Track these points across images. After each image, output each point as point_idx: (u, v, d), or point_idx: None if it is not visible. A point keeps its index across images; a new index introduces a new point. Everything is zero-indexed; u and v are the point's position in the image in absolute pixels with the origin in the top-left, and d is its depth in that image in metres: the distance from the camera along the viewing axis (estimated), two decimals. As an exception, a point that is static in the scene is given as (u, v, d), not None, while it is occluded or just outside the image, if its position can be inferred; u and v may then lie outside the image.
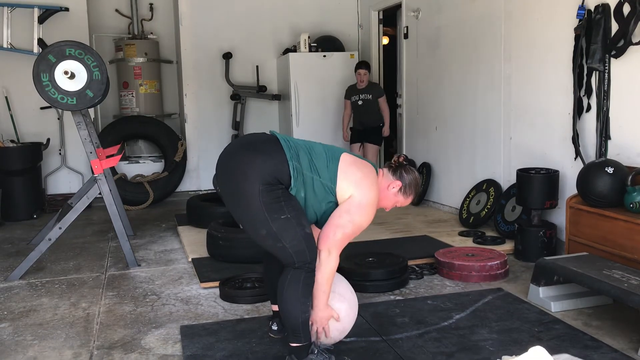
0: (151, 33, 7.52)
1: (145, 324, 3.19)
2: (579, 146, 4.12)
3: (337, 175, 2.49)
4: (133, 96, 7.27)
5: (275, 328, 2.88)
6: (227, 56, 7.44)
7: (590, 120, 4.06)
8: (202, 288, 3.76)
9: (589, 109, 4.05)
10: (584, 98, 4.07)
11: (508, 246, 4.45)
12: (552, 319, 3.09)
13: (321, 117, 7.20)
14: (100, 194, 4.26)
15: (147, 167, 7.17)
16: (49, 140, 6.58)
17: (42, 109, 6.58)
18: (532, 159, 4.61)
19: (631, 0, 3.62)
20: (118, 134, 6.86)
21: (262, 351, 2.78)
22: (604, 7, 3.83)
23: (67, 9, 6.65)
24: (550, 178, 4.19)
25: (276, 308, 2.84)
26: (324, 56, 7.14)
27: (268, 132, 2.62)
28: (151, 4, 7.59)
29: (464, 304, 3.34)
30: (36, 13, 6.52)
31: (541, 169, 4.31)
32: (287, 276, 2.45)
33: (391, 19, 7.60)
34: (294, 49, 7.30)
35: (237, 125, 7.55)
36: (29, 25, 6.53)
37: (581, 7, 3.98)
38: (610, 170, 3.60)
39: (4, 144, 6.23)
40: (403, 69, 6.70)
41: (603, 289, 2.91)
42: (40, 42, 6.40)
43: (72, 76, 4.04)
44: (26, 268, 4.08)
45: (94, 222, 5.90)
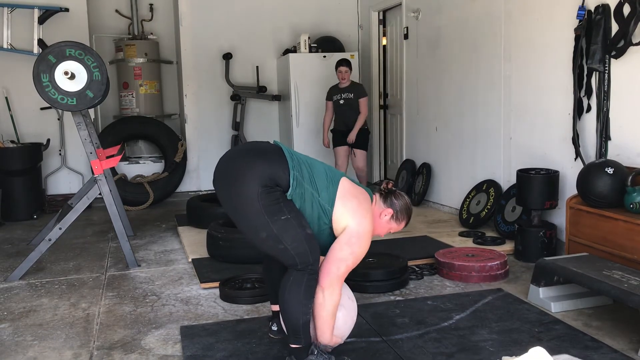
0: (151, 33, 7.53)
1: (145, 324, 3.19)
2: (579, 146, 4.12)
3: (335, 200, 2.48)
4: (133, 97, 7.28)
5: (275, 328, 2.88)
6: (227, 56, 7.44)
7: (590, 120, 4.06)
8: (202, 288, 3.76)
9: (589, 109, 4.05)
10: (584, 98, 4.07)
11: (508, 247, 4.45)
12: (552, 320, 3.09)
13: (321, 118, 7.16)
14: (100, 194, 4.26)
15: (147, 168, 7.17)
16: (49, 140, 6.58)
17: (42, 109, 6.58)
18: (532, 159, 4.61)
19: (631, 1, 3.62)
20: (118, 134, 6.87)
21: (262, 352, 2.78)
22: (604, 8, 3.83)
23: (67, 10, 6.65)
24: (550, 178, 4.19)
25: (276, 308, 2.84)
26: (324, 57, 7.14)
27: (272, 142, 2.62)
28: (151, 5, 7.59)
29: (464, 304, 3.34)
30: (36, 13, 6.52)
31: (541, 170, 4.31)
32: (290, 278, 2.44)
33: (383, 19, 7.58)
34: (294, 50, 7.30)
35: (237, 125, 7.55)
36: (29, 26, 6.53)
37: (581, 8, 3.98)
38: (610, 170, 3.60)
39: (4, 145, 6.23)
40: (403, 69, 6.70)
41: (603, 289, 2.91)
42: (40, 43, 6.41)
43: (72, 77, 4.04)
44: (26, 268, 4.08)
45: (94, 223, 5.90)
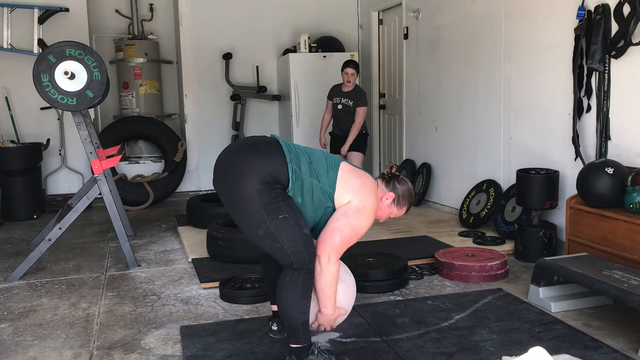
0: (151, 33, 7.53)
1: (145, 324, 3.19)
2: (579, 146, 4.12)
3: (337, 182, 2.50)
4: (133, 96, 7.28)
5: (275, 328, 2.88)
6: (227, 56, 7.44)
7: (590, 120, 4.06)
8: (202, 288, 3.76)
9: (589, 109, 4.05)
10: (584, 98, 4.07)
11: (508, 246, 4.45)
12: (552, 320, 3.09)
13: (321, 118, 7.18)
14: (100, 194, 4.26)
15: (147, 168, 7.17)
16: (49, 140, 6.58)
17: (42, 109, 6.59)
18: (532, 159, 4.61)
19: (631, 1, 3.62)
20: (118, 134, 6.87)
21: (262, 352, 2.77)
22: (604, 8, 3.83)
23: (67, 9, 6.65)
24: (550, 178, 4.19)
25: (276, 308, 2.84)
26: (324, 57, 7.14)
27: (269, 136, 2.62)
28: (151, 5, 7.59)
29: (464, 304, 3.34)
30: (36, 13, 6.52)
31: (541, 170, 4.31)
32: (286, 277, 2.45)
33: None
34: (294, 50, 7.30)
35: (237, 125, 7.55)
36: (29, 26, 6.53)
37: (581, 8, 3.98)
38: (610, 170, 3.60)
39: (4, 145, 6.23)
40: (403, 69, 6.70)
41: (603, 289, 2.91)
42: (40, 43, 6.41)
43: (72, 76, 4.04)
44: (26, 268, 4.08)
45: (94, 223, 5.90)
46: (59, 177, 6.86)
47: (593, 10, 3.92)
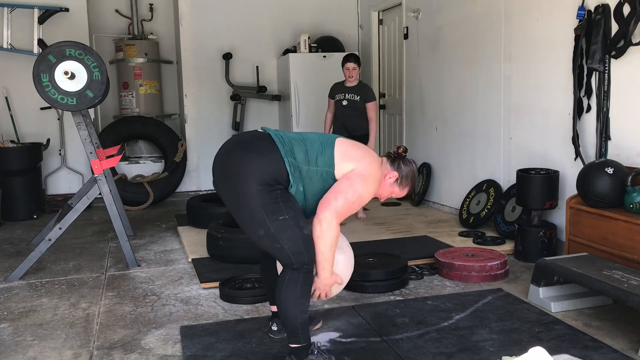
0: (151, 33, 7.53)
1: (145, 324, 3.19)
2: (579, 146, 4.12)
3: (334, 158, 2.48)
4: (133, 96, 7.28)
5: (275, 328, 2.88)
6: (227, 56, 7.44)
7: (590, 120, 4.06)
8: (202, 288, 3.76)
9: (589, 109, 4.05)
10: (584, 98, 4.07)
11: (508, 246, 4.45)
12: (552, 320, 3.09)
13: (321, 118, 7.12)
14: (100, 194, 4.26)
15: (147, 168, 7.18)
16: (49, 140, 6.58)
17: (42, 109, 6.58)
18: (532, 159, 4.61)
19: (631, 1, 3.62)
20: (118, 134, 6.87)
21: (262, 352, 2.77)
22: (604, 8, 3.83)
23: (67, 9, 6.65)
24: (550, 178, 4.19)
25: (275, 309, 2.84)
26: (324, 57, 7.14)
27: (260, 130, 2.60)
28: (151, 4, 7.59)
29: (464, 304, 3.34)
30: (36, 13, 6.52)
31: (541, 170, 4.31)
32: (286, 277, 2.45)
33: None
34: (294, 50, 7.30)
35: (237, 125, 7.55)
36: (29, 26, 6.53)
37: (581, 8, 3.98)
38: (610, 170, 3.60)
39: (4, 145, 6.23)
40: (403, 69, 6.70)
41: (603, 289, 2.91)
42: (40, 43, 6.41)
43: (72, 76, 4.04)
44: (26, 268, 4.08)
45: (94, 223, 5.90)
46: (59, 177, 6.86)
47: (593, 10, 3.92)
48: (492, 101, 5.10)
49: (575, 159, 4.18)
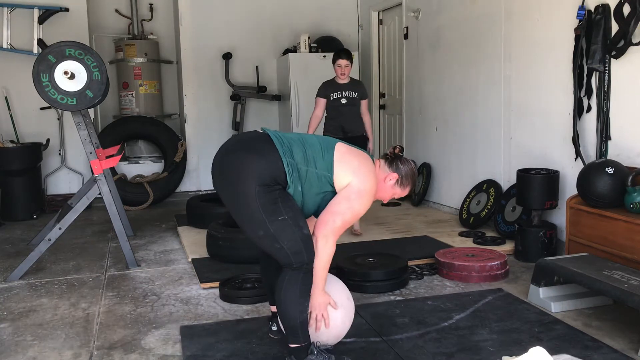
0: (151, 33, 7.53)
1: (145, 324, 3.19)
2: (579, 146, 4.12)
3: (334, 164, 2.49)
4: (133, 96, 7.27)
5: (275, 328, 2.88)
6: (227, 56, 7.44)
7: (590, 120, 4.06)
8: (202, 288, 3.75)
9: (589, 109, 4.05)
10: (584, 98, 4.07)
11: (508, 246, 4.45)
12: (552, 320, 3.09)
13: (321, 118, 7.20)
14: (100, 194, 4.26)
15: (147, 168, 7.18)
16: (48, 140, 6.58)
17: (42, 109, 6.58)
18: (532, 159, 4.61)
19: (631, 1, 3.62)
20: (118, 134, 6.87)
21: (262, 352, 2.77)
22: (604, 8, 3.83)
23: (67, 9, 6.65)
24: (551, 178, 4.19)
25: (275, 309, 2.84)
26: (324, 56, 7.13)
27: (259, 130, 2.61)
28: (151, 4, 7.59)
29: (464, 304, 3.34)
30: (36, 13, 6.52)
31: (541, 169, 4.31)
32: (285, 277, 2.45)
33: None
34: (294, 49, 7.30)
35: (237, 125, 7.55)
36: (29, 26, 6.52)
37: (581, 8, 3.98)
38: (610, 170, 3.60)
39: (4, 145, 6.23)
40: (403, 69, 6.70)
41: (603, 289, 2.91)
42: (40, 43, 6.41)
43: (72, 76, 4.04)
44: (26, 268, 4.08)
45: (94, 223, 5.90)
46: (58, 177, 6.86)
47: (593, 10, 3.92)
48: (492, 101, 5.10)
49: (575, 159, 4.18)
